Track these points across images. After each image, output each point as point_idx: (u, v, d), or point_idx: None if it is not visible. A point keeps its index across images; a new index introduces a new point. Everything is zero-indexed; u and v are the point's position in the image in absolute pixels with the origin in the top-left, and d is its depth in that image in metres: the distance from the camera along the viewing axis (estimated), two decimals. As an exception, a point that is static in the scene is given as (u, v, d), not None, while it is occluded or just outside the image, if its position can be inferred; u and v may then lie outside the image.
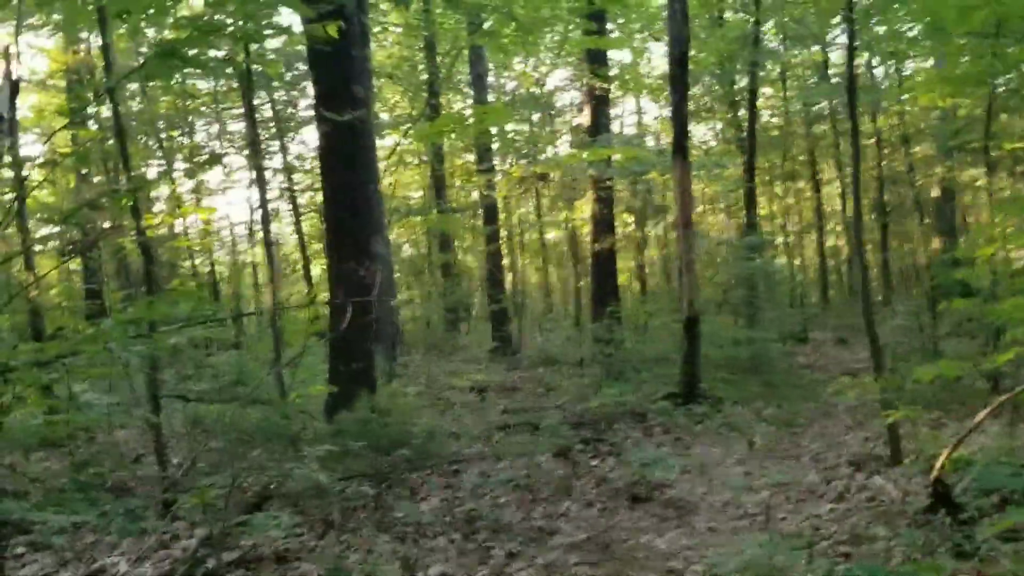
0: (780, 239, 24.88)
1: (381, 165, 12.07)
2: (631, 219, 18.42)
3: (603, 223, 15.14)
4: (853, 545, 5.81)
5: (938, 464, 5.23)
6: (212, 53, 4.99)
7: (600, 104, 15.07)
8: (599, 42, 13.68)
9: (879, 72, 23.46)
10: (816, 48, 22.23)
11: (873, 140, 25.16)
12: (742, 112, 19.04)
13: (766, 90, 22.54)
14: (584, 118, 15.36)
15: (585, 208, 15.39)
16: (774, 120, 23.86)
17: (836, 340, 18.20)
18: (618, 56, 19.91)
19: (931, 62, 16.78)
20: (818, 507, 6.80)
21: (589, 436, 9.00)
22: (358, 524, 6.50)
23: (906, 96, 18.64)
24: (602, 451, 8.60)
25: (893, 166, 24.53)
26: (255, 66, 9.16)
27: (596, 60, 14.74)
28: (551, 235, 26.09)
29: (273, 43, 15.11)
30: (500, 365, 16.76)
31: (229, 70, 9.23)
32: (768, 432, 9.72)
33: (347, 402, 7.66)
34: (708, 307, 15.10)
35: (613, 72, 16.41)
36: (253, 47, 8.69)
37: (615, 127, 20.78)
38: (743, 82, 17.95)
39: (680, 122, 10.28)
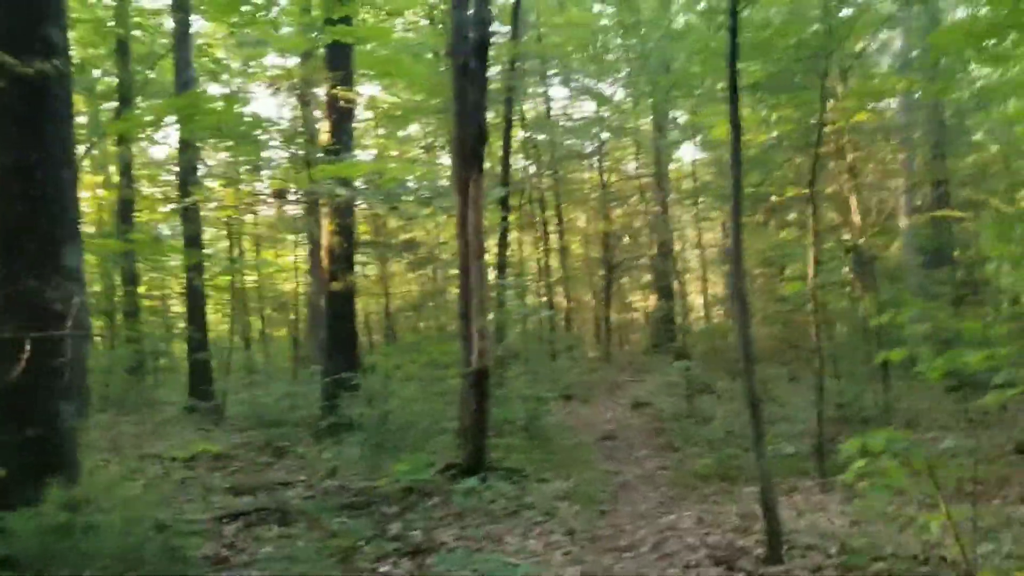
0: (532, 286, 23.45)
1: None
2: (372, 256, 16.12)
3: (341, 259, 12.77)
4: None
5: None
6: None
7: (343, 119, 12.79)
8: (343, 31, 10.84)
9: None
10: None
11: (599, 194, 24.86)
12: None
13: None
14: (322, 136, 12.98)
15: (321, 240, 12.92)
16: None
17: (578, 399, 17.00)
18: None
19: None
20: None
21: (370, 531, 6.64)
22: None
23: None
24: (390, 551, 6.30)
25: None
26: None
27: (338, 63, 12.44)
28: (254, 277, 23.19)
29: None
30: (203, 427, 13.83)
31: None
32: (577, 513, 7.88)
33: (22, 491, 4.87)
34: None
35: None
36: None
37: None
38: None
39: (477, 125, 8.34)
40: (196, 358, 15.70)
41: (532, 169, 23.81)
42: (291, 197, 12.11)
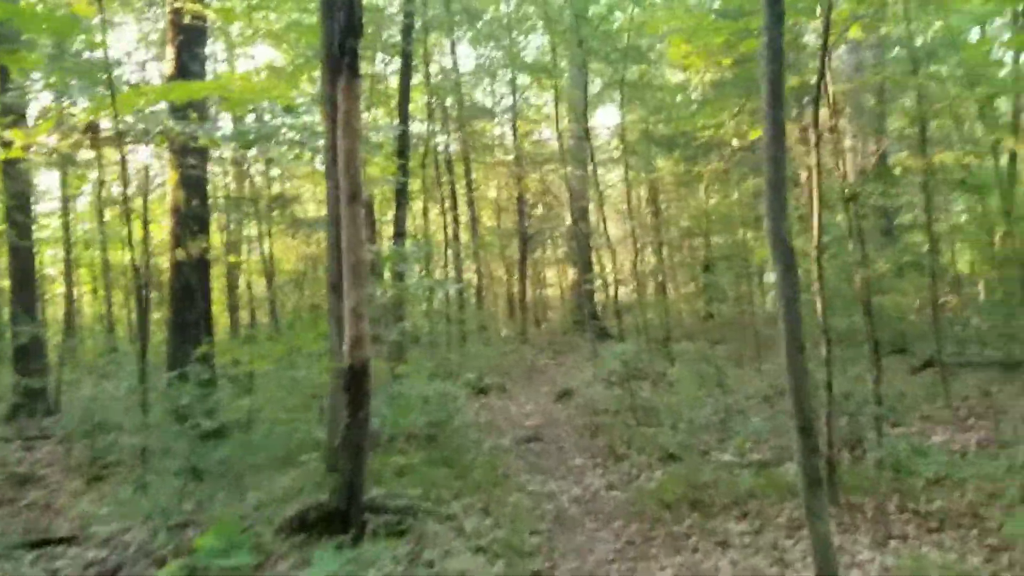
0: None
1: None
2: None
3: (190, 219, 9.93)
4: None
5: None
6: None
7: (192, 41, 9.92)
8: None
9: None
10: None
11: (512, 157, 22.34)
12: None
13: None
14: (166, 63, 10.08)
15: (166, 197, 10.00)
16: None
17: (494, 389, 14.44)
18: None
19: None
20: None
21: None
22: None
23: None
24: None
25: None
26: None
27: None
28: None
29: None
30: (20, 434, 10.89)
31: None
32: (499, 577, 5.30)
33: None
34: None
35: None
36: None
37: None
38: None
39: (347, 11, 5.60)
40: (20, 344, 12.60)
41: (436, 129, 20.93)
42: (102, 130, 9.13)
